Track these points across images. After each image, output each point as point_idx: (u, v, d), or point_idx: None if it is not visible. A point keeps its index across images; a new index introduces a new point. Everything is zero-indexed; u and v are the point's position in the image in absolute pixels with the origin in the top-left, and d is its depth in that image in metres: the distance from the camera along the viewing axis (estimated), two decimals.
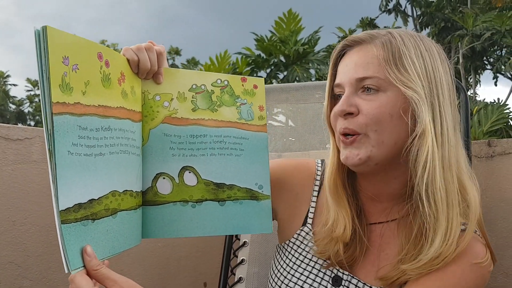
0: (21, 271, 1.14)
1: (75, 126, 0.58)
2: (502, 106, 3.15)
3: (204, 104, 0.76)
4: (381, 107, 0.69)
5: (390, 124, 0.68)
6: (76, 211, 0.58)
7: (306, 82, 1.29)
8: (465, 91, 1.17)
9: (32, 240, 1.16)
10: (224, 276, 1.19)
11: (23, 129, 1.17)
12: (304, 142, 1.25)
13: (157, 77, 0.74)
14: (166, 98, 0.75)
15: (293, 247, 0.81)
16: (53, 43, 0.55)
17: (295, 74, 5.56)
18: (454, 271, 0.67)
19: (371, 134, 0.69)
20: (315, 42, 6.03)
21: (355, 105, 0.70)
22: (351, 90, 0.71)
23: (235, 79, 0.78)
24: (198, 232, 0.74)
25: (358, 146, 0.70)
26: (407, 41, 0.71)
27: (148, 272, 1.38)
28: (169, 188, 0.73)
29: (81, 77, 0.60)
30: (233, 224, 0.75)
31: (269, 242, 1.15)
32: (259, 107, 0.79)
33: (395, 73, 0.68)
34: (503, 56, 10.30)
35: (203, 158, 0.74)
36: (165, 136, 0.74)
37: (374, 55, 0.70)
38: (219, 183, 0.75)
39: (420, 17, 11.79)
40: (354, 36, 0.74)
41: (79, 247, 0.59)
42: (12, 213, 1.13)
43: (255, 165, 0.77)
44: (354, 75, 0.71)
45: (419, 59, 0.70)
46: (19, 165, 1.15)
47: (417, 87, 0.68)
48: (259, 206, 0.76)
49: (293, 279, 0.77)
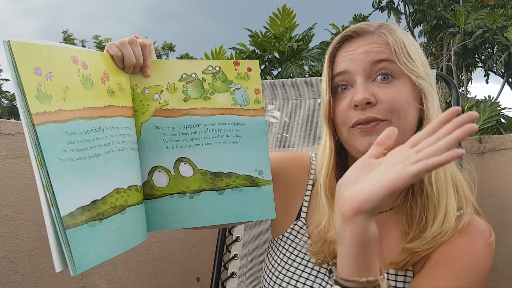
0: (13, 266, 1.14)
1: (61, 132, 0.57)
2: (493, 103, 3.18)
3: (195, 93, 0.75)
4: (401, 94, 0.68)
5: (409, 111, 0.69)
6: (81, 214, 0.58)
7: (300, 78, 1.29)
8: (456, 88, 1.17)
9: (24, 235, 1.15)
10: (217, 271, 1.19)
11: (15, 123, 1.16)
12: (298, 138, 1.26)
13: (144, 70, 0.73)
14: (155, 91, 0.73)
15: (286, 241, 0.81)
16: (21, 57, 0.54)
17: (289, 70, 5.56)
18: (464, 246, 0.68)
19: (395, 121, 0.68)
20: (309, 38, 6.03)
21: (372, 94, 0.68)
22: (364, 78, 0.69)
23: (227, 64, 0.76)
24: (197, 223, 0.73)
25: (381, 131, 0.65)
26: (402, 33, 0.72)
27: (141, 267, 1.38)
28: (165, 181, 0.73)
29: (58, 84, 0.59)
30: (234, 213, 0.74)
31: (262, 237, 1.16)
32: (254, 90, 0.76)
33: (405, 62, 0.68)
34: (495, 54, 10.38)
35: (198, 148, 0.73)
36: (157, 129, 0.73)
37: (385, 42, 0.70)
38: (217, 172, 0.74)
39: (413, 15, 11.83)
40: (355, 26, 0.73)
41: (88, 248, 0.59)
42: (3, 207, 1.13)
43: (253, 151, 0.75)
44: (367, 59, 0.69)
45: (416, 47, 0.72)
46: (11, 159, 1.14)
47: (424, 75, 0.69)
48: (260, 192, 0.75)
49: (288, 274, 0.77)
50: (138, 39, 0.72)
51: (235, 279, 1.13)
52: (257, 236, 1.17)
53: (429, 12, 11.31)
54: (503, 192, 1.25)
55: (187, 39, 78.61)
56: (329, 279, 0.74)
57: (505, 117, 3.92)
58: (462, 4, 11.19)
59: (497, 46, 10.50)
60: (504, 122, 3.87)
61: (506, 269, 1.25)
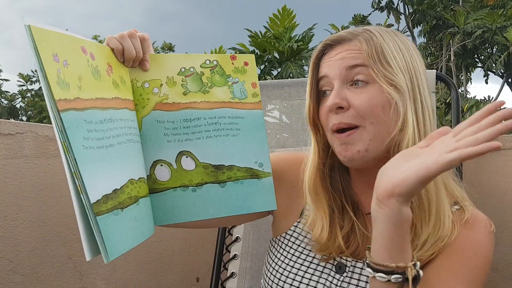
0: (12, 266, 1.14)
1: (81, 120, 0.58)
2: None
3: (194, 86, 0.75)
4: (373, 98, 0.69)
5: (383, 116, 0.69)
6: (106, 202, 0.59)
7: (300, 78, 1.29)
8: (456, 88, 1.18)
9: (23, 235, 1.15)
10: (217, 271, 1.19)
11: (14, 124, 1.16)
12: (298, 138, 1.26)
13: (143, 64, 0.73)
14: (155, 85, 0.74)
15: (290, 239, 0.80)
16: (40, 42, 0.55)
17: (289, 70, 5.56)
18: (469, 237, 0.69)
19: (368, 127, 0.69)
20: (309, 39, 6.03)
21: (345, 99, 0.70)
22: (340, 83, 0.71)
23: (225, 58, 0.77)
24: (201, 216, 0.73)
25: (355, 140, 0.70)
26: (386, 37, 0.72)
27: (141, 267, 1.38)
28: (168, 175, 0.73)
29: (74, 72, 0.59)
30: (236, 205, 0.75)
31: (262, 237, 1.16)
32: (251, 84, 0.77)
33: (379, 69, 0.69)
34: (494, 54, 10.38)
35: (199, 141, 0.74)
36: (158, 123, 0.73)
37: (359, 49, 0.71)
38: (218, 165, 0.74)
39: (412, 15, 11.84)
40: (335, 35, 0.75)
41: (116, 236, 0.59)
42: (3, 208, 1.13)
43: (253, 143, 0.76)
44: (343, 64, 0.71)
45: (398, 53, 0.71)
46: (11, 160, 1.14)
47: (400, 81, 0.69)
48: (261, 184, 0.76)
49: (292, 270, 0.76)
50: (137, 33, 0.72)
51: (235, 279, 1.13)
52: (256, 236, 1.17)
53: (429, 12, 11.32)
54: (503, 192, 1.26)
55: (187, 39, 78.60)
56: (334, 277, 0.74)
57: None
58: (462, 4, 11.19)
59: (496, 46, 10.51)
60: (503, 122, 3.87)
61: (505, 269, 1.25)
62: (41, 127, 1.20)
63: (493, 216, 1.27)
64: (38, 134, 1.18)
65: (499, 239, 1.25)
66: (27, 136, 1.17)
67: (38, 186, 1.18)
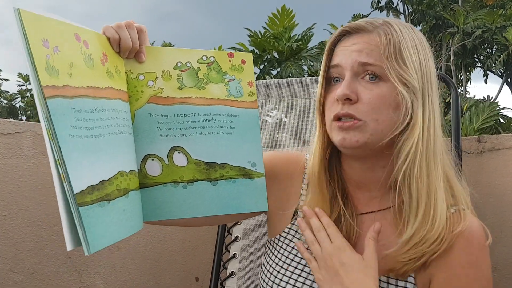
0: (11, 266, 1.14)
1: (69, 108, 0.57)
2: (493, 104, 3.18)
3: (190, 82, 0.73)
4: (383, 97, 0.69)
5: (388, 115, 0.69)
6: (91, 193, 0.57)
7: (299, 78, 1.29)
8: (456, 88, 1.17)
9: (23, 235, 1.15)
10: (216, 271, 1.19)
11: (14, 123, 1.16)
12: (297, 138, 1.26)
13: (139, 55, 0.72)
14: (150, 77, 0.72)
15: (284, 241, 0.80)
16: (30, 27, 0.54)
17: (288, 70, 5.56)
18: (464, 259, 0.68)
19: (370, 123, 0.69)
20: (308, 38, 6.03)
21: (355, 92, 0.69)
22: (352, 75, 0.70)
23: (222, 55, 0.76)
24: (191, 213, 0.72)
25: (356, 131, 0.69)
26: (405, 33, 0.71)
27: (140, 267, 1.38)
28: (159, 170, 0.71)
29: (64, 59, 0.58)
30: (227, 204, 0.74)
31: (261, 236, 1.16)
32: (248, 83, 0.76)
33: (394, 66, 0.68)
34: (494, 54, 10.38)
35: (192, 137, 0.72)
36: (152, 116, 0.72)
37: (377, 45, 0.70)
38: (211, 162, 0.73)
39: (412, 15, 11.84)
40: (355, 23, 0.73)
41: (100, 229, 0.58)
42: (2, 207, 1.13)
43: (247, 143, 0.75)
44: (357, 58, 0.70)
45: (415, 51, 0.70)
46: (10, 159, 1.14)
47: (414, 81, 0.68)
48: (253, 184, 0.75)
49: (287, 273, 0.76)
50: (134, 24, 0.71)
51: (234, 278, 1.13)
52: (256, 235, 1.17)
53: (428, 12, 11.32)
54: (502, 192, 1.26)
55: (187, 39, 78.44)
56: None
57: (504, 117, 3.93)
58: (461, 4, 11.20)
59: (496, 46, 10.51)
60: (503, 122, 3.88)
61: (505, 269, 1.25)
62: (40, 126, 1.20)
63: (493, 215, 1.27)
64: (37, 134, 1.18)
65: (499, 239, 1.25)
66: (26, 135, 1.16)
67: (37, 186, 1.18)
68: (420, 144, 0.68)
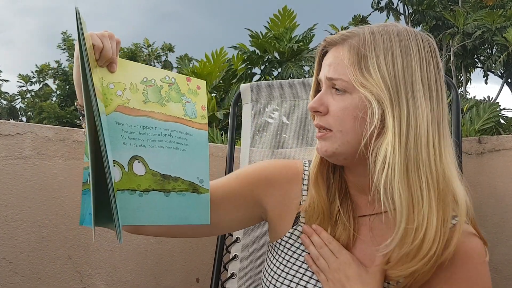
0: (12, 267, 1.14)
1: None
2: (493, 104, 3.18)
3: (154, 97, 0.78)
4: (345, 109, 0.71)
5: (354, 126, 0.70)
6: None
7: (300, 79, 1.29)
8: (456, 88, 1.18)
9: (23, 236, 1.15)
10: (217, 272, 1.19)
11: (14, 124, 1.16)
12: (298, 139, 1.26)
13: (111, 66, 0.74)
14: (119, 87, 0.76)
15: (285, 245, 0.81)
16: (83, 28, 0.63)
17: (289, 71, 5.56)
18: (465, 276, 0.69)
19: (337, 134, 0.72)
20: (309, 39, 6.03)
21: (326, 105, 0.74)
22: (325, 88, 0.75)
23: (181, 78, 0.81)
24: (142, 221, 0.75)
25: (326, 141, 0.74)
26: (378, 41, 0.70)
27: (141, 268, 1.38)
28: (119, 176, 0.73)
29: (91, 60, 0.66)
30: (176, 215, 0.77)
31: (262, 238, 1.16)
32: (201, 106, 0.82)
33: (357, 77, 0.70)
34: (494, 54, 10.38)
35: (151, 149, 0.76)
36: (117, 124, 0.75)
37: (341, 57, 0.72)
38: (166, 174, 0.77)
39: (412, 15, 11.84)
40: (330, 37, 0.77)
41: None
42: (3, 209, 1.13)
43: (197, 160, 0.80)
44: (326, 73, 0.74)
45: (387, 59, 0.69)
46: (11, 160, 1.14)
47: (379, 90, 0.68)
48: (199, 199, 0.79)
49: (288, 277, 0.77)
50: (114, 35, 0.75)
51: (235, 280, 1.13)
52: (256, 237, 1.17)
53: (428, 13, 11.32)
54: (503, 193, 1.26)
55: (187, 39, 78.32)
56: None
57: (504, 117, 3.93)
58: (461, 4, 11.19)
59: (496, 46, 10.51)
60: (503, 123, 3.88)
61: (505, 269, 1.25)
62: (41, 128, 1.20)
63: (493, 216, 1.27)
64: (38, 135, 1.18)
65: (499, 239, 1.25)
66: (27, 137, 1.17)
67: (38, 187, 1.18)
68: (397, 151, 0.67)
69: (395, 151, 0.67)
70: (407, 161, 0.67)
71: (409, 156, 0.67)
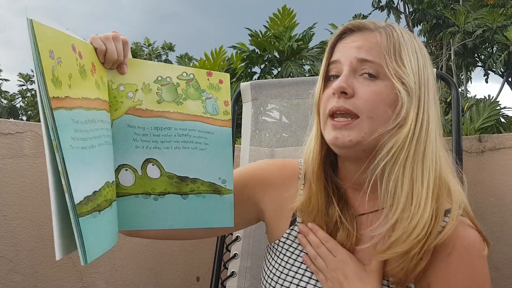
0: (12, 266, 1.14)
1: (69, 120, 0.58)
2: (493, 103, 3.17)
3: (169, 96, 0.75)
4: (378, 94, 0.69)
5: (383, 113, 0.69)
6: (87, 204, 0.58)
7: (300, 78, 1.29)
8: (456, 87, 1.17)
9: (23, 235, 1.15)
10: (217, 270, 1.19)
11: (14, 123, 1.16)
12: (297, 138, 1.26)
13: (121, 67, 0.73)
14: (130, 89, 0.73)
15: (283, 246, 0.81)
16: (40, 37, 0.54)
17: (289, 70, 5.56)
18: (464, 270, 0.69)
19: (365, 120, 0.69)
20: (309, 38, 6.02)
21: (352, 87, 0.70)
22: (349, 70, 0.71)
23: (201, 73, 0.77)
24: (159, 225, 0.73)
25: (351, 130, 0.69)
26: (406, 37, 0.72)
27: (141, 267, 1.38)
28: (131, 180, 0.72)
29: (65, 70, 0.59)
30: (195, 218, 0.75)
31: (262, 236, 1.16)
32: (224, 102, 0.78)
33: (393, 65, 0.69)
34: (495, 53, 10.36)
35: (167, 151, 0.73)
36: (129, 127, 0.72)
37: (377, 42, 0.71)
38: (183, 176, 0.74)
39: (412, 14, 11.82)
40: (358, 21, 0.74)
41: (93, 239, 0.59)
42: (3, 207, 1.13)
43: (219, 160, 0.76)
44: (356, 54, 0.71)
45: (414, 55, 0.71)
46: (11, 159, 1.14)
47: (410, 81, 0.69)
48: (221, 200, 0.76)
49: (287, 278, 0.77)
50: (120, 36, 0.72)
51: (235, 278, 1.13)
52: (257, 235, 1.17)
53: (429, 12, 11.30)
54: (503, 191, 1.26)
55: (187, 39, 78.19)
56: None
57: (505, 116, 3.92)
58: (462, 3, 11.18)
59: (496, 45, 10.49)
60: (503, 122, 3.87)
61: (505, 268, 1.25)
62: (40, 126, 1.20)
63: (493, 215, 1.27)
64: (38, 134, 1.18)
65: (499, 238, 1.25)
66: (27, 135, 1.17)
67: (38, 186, 1.18)
68: (407, 143, 0.67)
69: (404, 144, 0.67)
70: (415, 155, 0.68)
71: (418, 151, 0.68)
